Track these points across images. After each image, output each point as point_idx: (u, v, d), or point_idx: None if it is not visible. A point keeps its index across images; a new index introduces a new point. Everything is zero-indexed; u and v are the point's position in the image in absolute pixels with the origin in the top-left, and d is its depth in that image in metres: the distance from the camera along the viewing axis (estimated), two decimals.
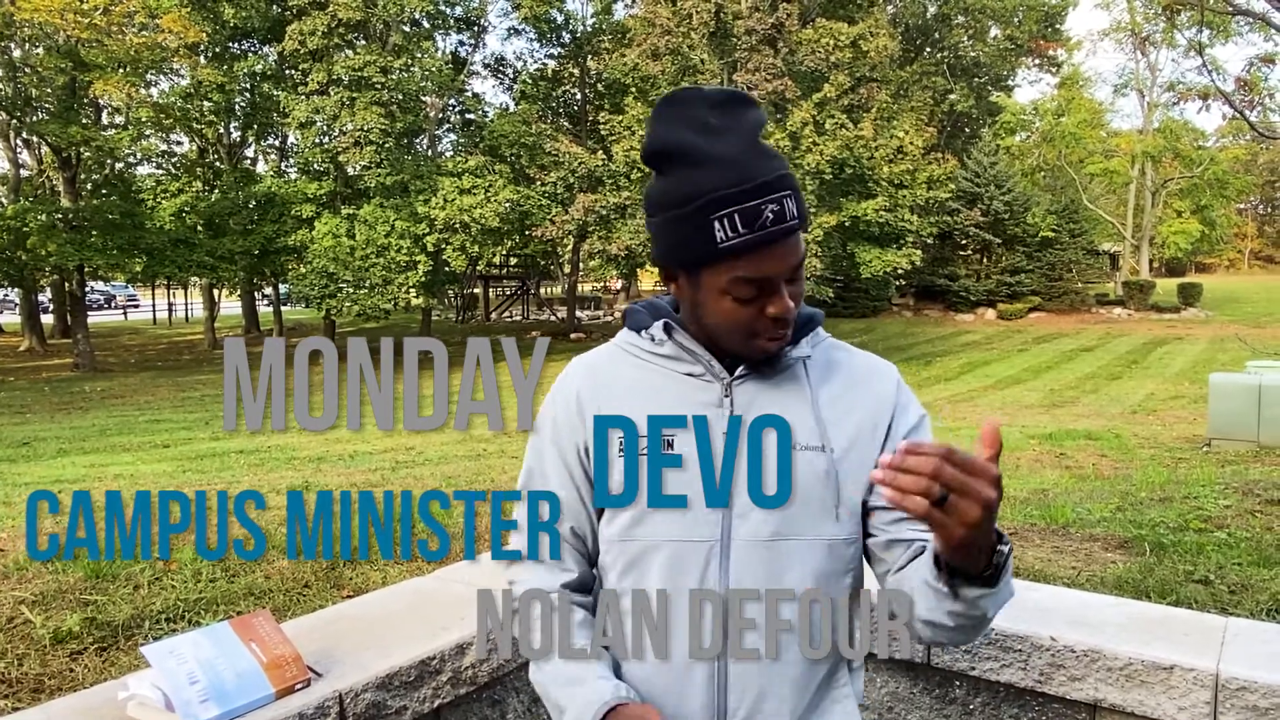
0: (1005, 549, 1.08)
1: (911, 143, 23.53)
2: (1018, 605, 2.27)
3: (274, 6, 27.03)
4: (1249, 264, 72.61)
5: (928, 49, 40.72)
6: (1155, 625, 2.14)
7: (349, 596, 2.96)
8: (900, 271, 24.92)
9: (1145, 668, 1.96)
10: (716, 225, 1.15)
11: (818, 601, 1.23)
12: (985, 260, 35.26)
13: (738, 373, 1.25)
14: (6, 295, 37.64)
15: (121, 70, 22.56)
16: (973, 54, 41.33)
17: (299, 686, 1.70)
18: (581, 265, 34.75)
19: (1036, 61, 45.68)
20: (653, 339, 1.29)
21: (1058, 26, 43.84)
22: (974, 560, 1.05)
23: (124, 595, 2.86)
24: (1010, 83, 45.61)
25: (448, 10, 29.45)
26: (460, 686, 2.00)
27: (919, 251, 25.22)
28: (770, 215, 1.14)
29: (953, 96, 39.57)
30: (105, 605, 2.74)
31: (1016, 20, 41.72)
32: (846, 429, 1.25)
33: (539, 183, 25.83)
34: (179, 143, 30.42)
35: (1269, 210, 74.54)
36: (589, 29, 32.41)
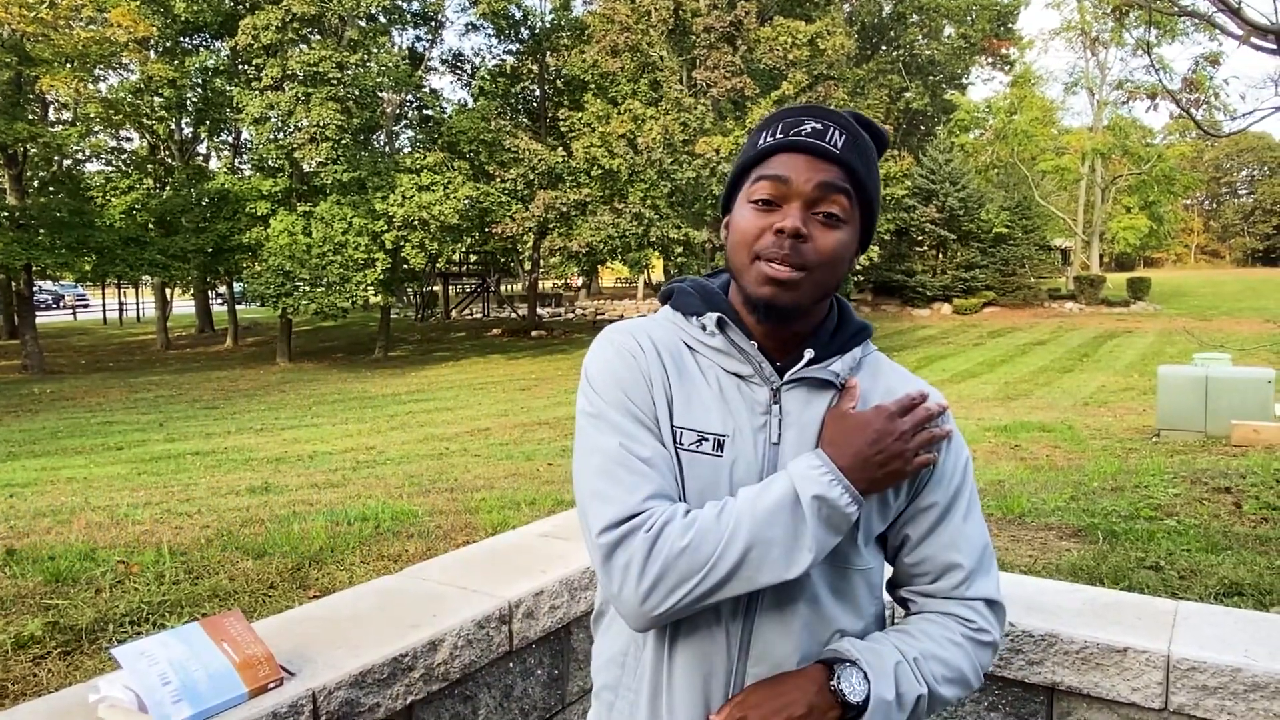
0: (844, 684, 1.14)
1: None
2: None
3: (226, 0, 26.59)
4: (1195, 258, 74.45)
5: (883, 47, 41.16)
6: (1109, 610, 2.20)
7: (315, 597, 2.95)
8: (858, 267, 25.17)
9: (1100, 651, 2.02)
10: (764, 135, 1.21)
11: (844, 631, 1.23)
12: (941, 256, 35.77)
13: (787, 378, 1.20)
14: None
15: (69, 65, 22.06)
16: (927, 52, 41.85)
17: (272, 686, 1.70)
18: (542, 262, 34.64)
19: (990, 60, 46.39)
20: (703, 328, 1.22)
21: (1010, 25, 44.55)
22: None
23: (85, 599, 2.83)
24: (964, 81, 46.27)
25: (404, 5, 29.19)
26: (433, 683, 2.00)
27: (876, 248, 25.49)
28: (810, 129, 1.17)
29: (908, 94, 40.06)
30: (67, 609, 2.70)
31: (970, 19, 42.34)
32: None
33: (498, 179, 25.71)
34: (129, 139, 29.84)
35: (1214, 206, 76.46)
36: (548, 25, 32.30)
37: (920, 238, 35.15)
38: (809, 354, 1.20)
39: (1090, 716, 2.07)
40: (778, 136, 1.18)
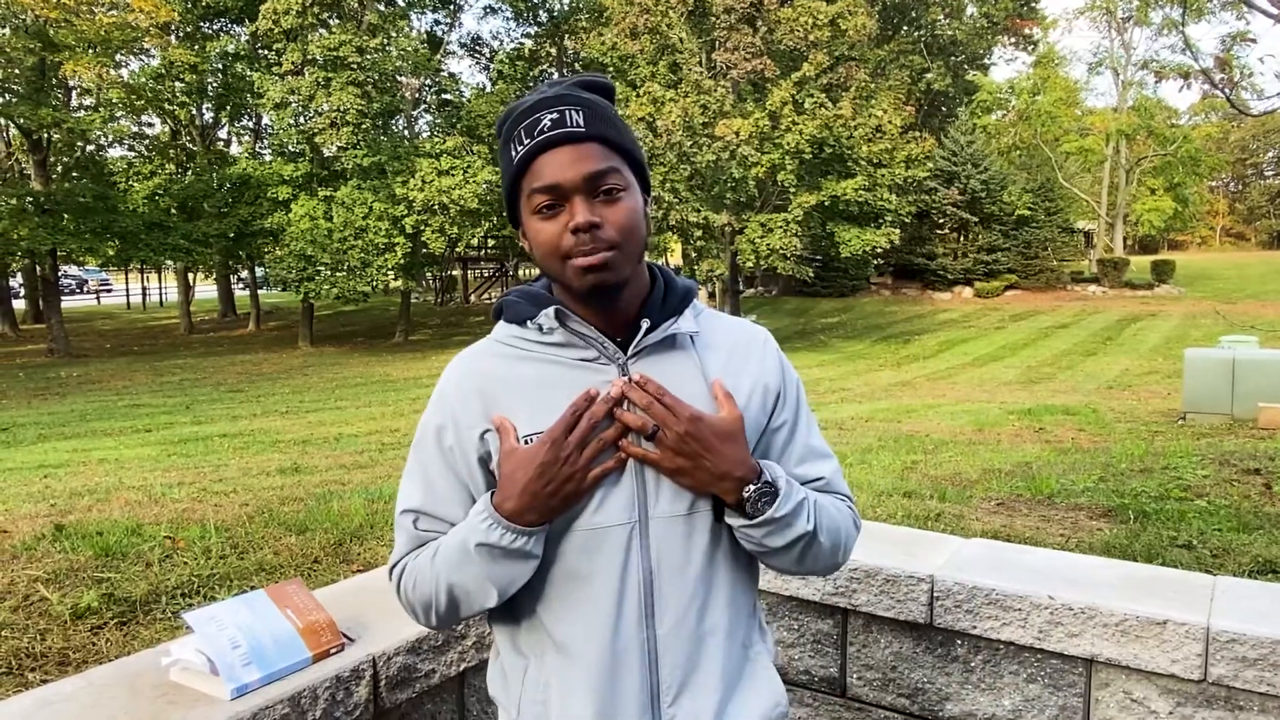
0: (753, 488, 1.21)
1: (890, 122, 23.61)
2: (1015, 566, 2.35)
3: None
4: (1220, 241, 73.53)
5: (905, 27, 40.78)
6: (1146, 584, 2.23)
7: (359, 570, 3.01)
8: (879, 250, 25.06)
9: (1140, 623, 2.05)
10: (512, 146, 1.23)
11: (737, 569, 1.30)
12: (962, 239, 35.51)
13: (631, 351, 1.25)
14: None
15: (92, 51, 22.20)
16: (949, 32, 41.41)
17: (334, 651, 1.76)
18: None
19: (1012, 40, 45.86)
20: (541, 329, 1.26)
21: (1033, 4, 44.01)
22: (724, 491, 1.22)
23: (136, 572, 2.90)
24: (987, 61, 45.76)
25: None
26: (484, 651, 2.06)
27: (897, 230, 25.34)
28: (549, 121, 1.20)
29: (929, 75, 39.70)
30: (120, 582, 2.78)
31: None
32: (738, 398, 1.28)
33: None
34: (150, 125, 30.02)
35: (1240, 187, 75.40)
36: (566, 8, 32.20)
37: (941, 220, 34.89)
38: (645, 324, 1.25)
39: (1129, 687, 2.10)
40: (525, 142, 1.21)
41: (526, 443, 1.21)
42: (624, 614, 1.22)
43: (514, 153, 1.23)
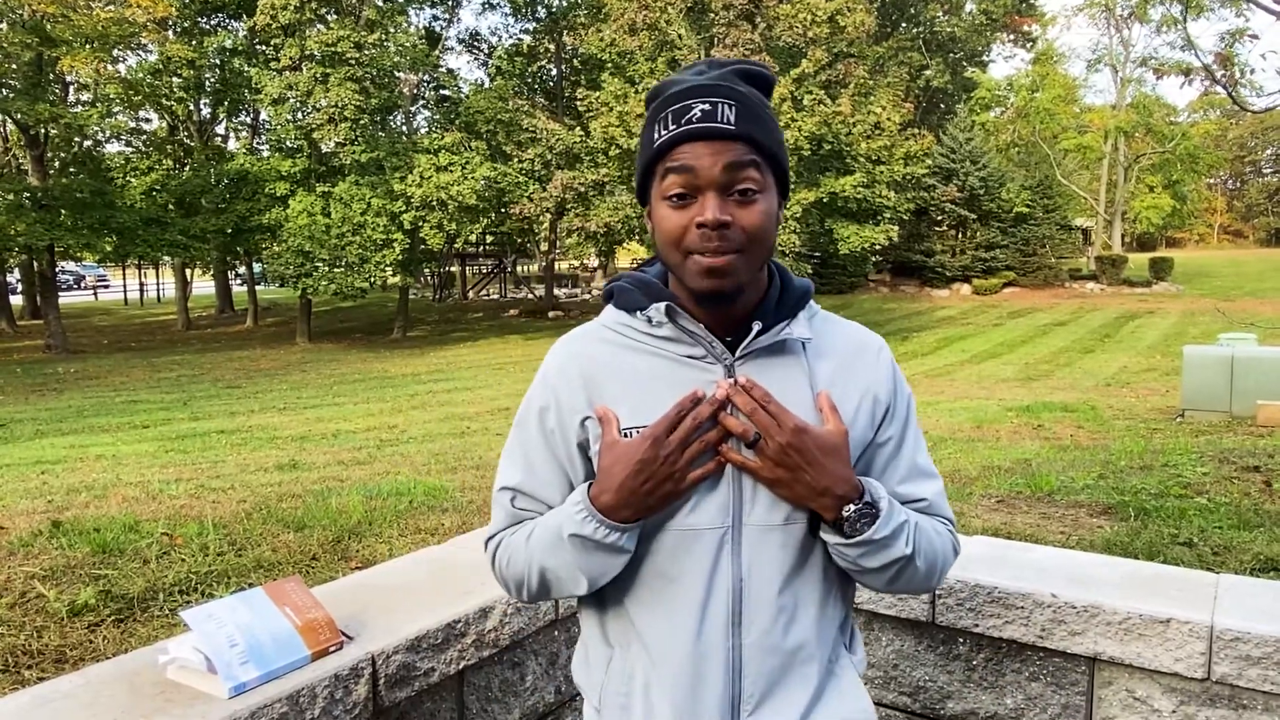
0: (853, 508, 1.18)
1: (888, 119, 23.58)
2: (1018, 564, 2.35)
3: None
4: (1218, 238, 73.60)
5: (903, 24, 40.75)
6: (1149, 582, 2.22)
7: (358, 568, 3.00)
8: (877, 247, 25.03)
9: (1143, 622, 2.04)
10: (657, 127, 1.20)
11: (829, 582, 1.27)
12: (961, 236, 35.51)
13: (739, 353, 1.22)
14: None
15: (89, 46, 22.12)
16: (948, 29, 41.39)
17: (332, 649, 1.74)
18: (559, 243, 34.64)
19: (1011, 37, 45.86)
20: (650, 320, 1.25)
21: (1032, 1, 43.99)
22: (823, 508, 1.19)
23: (134, 569, 2.88)
24: (985, 58, 45.76)
25: None
26: (484, 649, 2.05)
27: (896, 227, 25.29)
28: (699, 112, 1.16)
29: (928, 72, 39.68)
30: (117, 579, 2.76)
31: None
32: (845, 408, 1.25)
33: (516, 160, 25.67)
34: (148, 120, 29.93)
35: (1238, 185, 75.48)
36: (565, 4, 32.12)
37: (940, 217, 34.88)
38: (757, 326, 1.22)
39: (1132, 686, 2.09)
40: (670, 128, 1.18)
41: (627, 435, 1.20)
42: (709, 619, 1.21)
43: (656, 135, 1.20)
